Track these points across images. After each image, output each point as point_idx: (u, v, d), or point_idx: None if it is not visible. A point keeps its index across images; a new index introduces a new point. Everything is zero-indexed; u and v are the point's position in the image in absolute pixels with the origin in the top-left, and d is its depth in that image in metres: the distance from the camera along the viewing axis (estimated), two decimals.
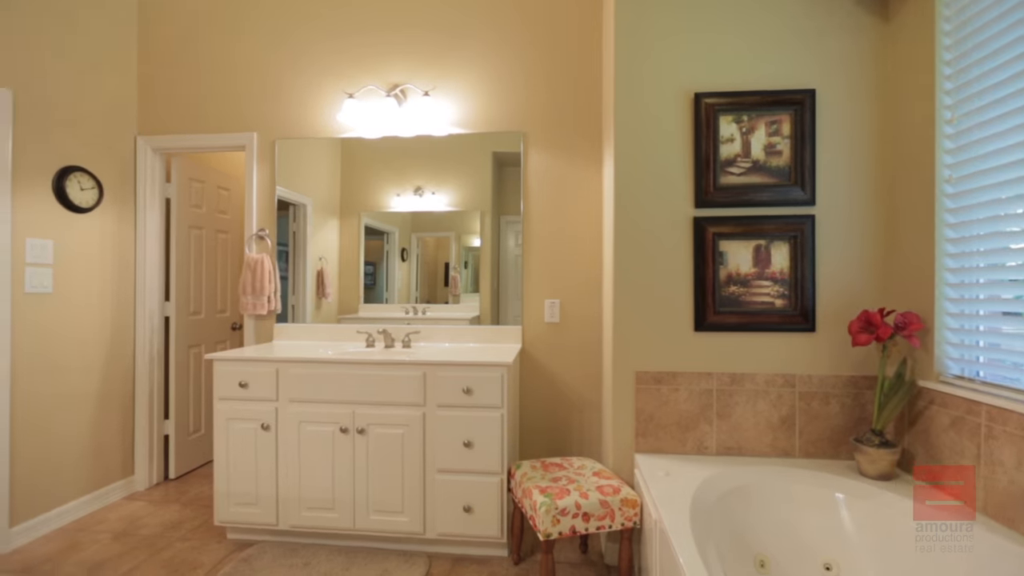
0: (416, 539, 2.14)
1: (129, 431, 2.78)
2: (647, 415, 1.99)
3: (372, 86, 2.64)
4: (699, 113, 1.95)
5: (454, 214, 2.70)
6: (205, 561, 2.10)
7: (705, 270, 1.95)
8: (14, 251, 2.20)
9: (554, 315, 2.57)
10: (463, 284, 2.73)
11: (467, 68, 2.62)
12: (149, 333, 2.82)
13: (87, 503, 2.53)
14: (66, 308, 2.43)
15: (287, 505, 2.15)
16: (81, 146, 2.51)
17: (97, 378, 2.59)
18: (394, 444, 2.09)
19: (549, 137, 2.58)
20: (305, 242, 2.77)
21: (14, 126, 2.20)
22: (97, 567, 2.05)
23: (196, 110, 2.80)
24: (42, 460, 2.32)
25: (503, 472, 2.04)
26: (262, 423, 2.14)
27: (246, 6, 2.77)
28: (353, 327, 2.67)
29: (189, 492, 2.79)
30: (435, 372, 2.07)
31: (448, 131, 2.63)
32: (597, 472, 1.97)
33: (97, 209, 2.57)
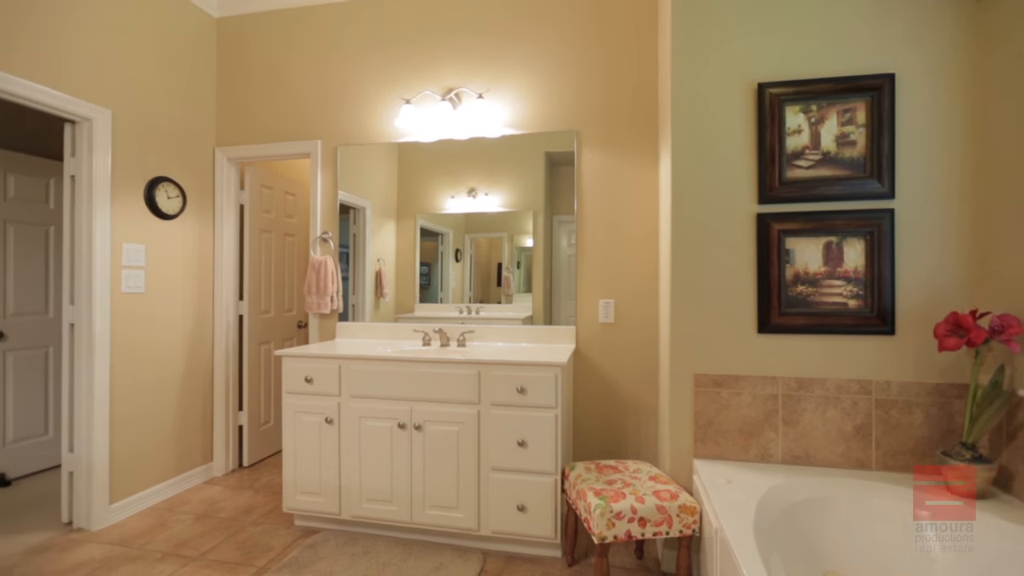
0: (470, 535, 2.17)
1: (208, 421, 3.01)
2: (706, 419, 1.92)
3: (428, 91, 2.71)
4: (763, 104, 1.86)
5: (507, 215, 2.72)
6: (275, 545, 2.23)
7: (770, 269, 1.86)
8: (113, 255, 2.43)
9: (608, 315, 2.53)
10: (515, 284, 2.74)
11: (520, 69, 2.64)
12: (225, 330, 3.04)
13: (173, 485, 2.75)
14: (155, 307, 2.66)
15: (349, 496, 2.24)
16: (168, 158, 2.74)
17: (181, 373, 2.82)
18: (450, 441, 2.13)
19: (603, 135, 2.54)
20: (364, 244, 2.88)
21: (113, 142, 2.44)
22: (182, 544, 2.23)
23: (266, 121, 2.99)
24: (135, 446, 2.55)
25: (557, 473, 2.03)
26: (326, 417, 2.25)
27: (309, 23, 2.92)
28: (410, 326, 2.75)
29: (261, 480, 2.97)
30: (489, 371, 2.10)
31: (501, 132, 2.65)
32: (653, 476, 1.92)
33: (181, 216, 2.80)
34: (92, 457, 2.35)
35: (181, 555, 2.14)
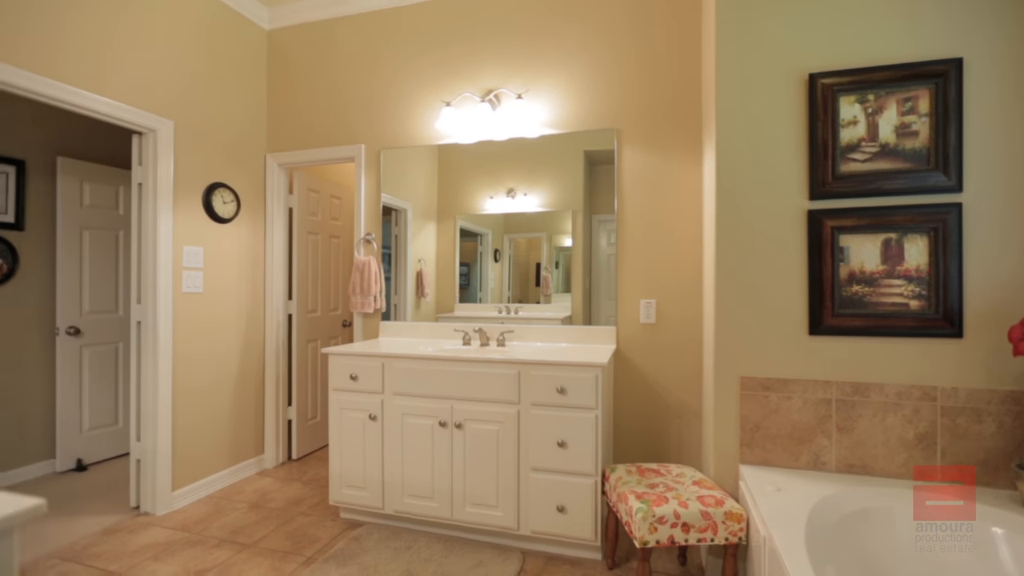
0: (510, 534, 2.18)
1: (260, 415, 3.15)
2: (753, 424, 1.86)
3: (468, 93, 2.74)
4: (815, 95, 1.78)
5: (546, 215, 2.71)
6: (322, 536, 2.31)
7: (822, 268, 1.77)
8: (174, 257, 2.58)
9: (650, 316, 2.48)
10: (554, 284, 2.74)
11: (559, 68, 2.63)
12: (275, 328, 3.17)
13: (228, 475, 2.90)
14: (212, 306, 2.81)
15: (391, 491, 2.30)
16: (223, 165, 2.89)
17: (235, 367, 2.97)
18: (489, 440, 2.15)
19: (644, 132, 2.50)
20: (406, 245, 2.94)
21: (175, 151, 2.59)
22: (237, 532, 2.35)
23: (313, 127, 3.10)
24: (195, 437, 2.71)
25: (597, 474, 2.01)
26: (370, 413, 2.32)
27: (352, 33, 3.01)
28: (450, 325, 2.79)
29: (308, 473, 3.09)
30: (529, 371, 2.10)
31: (540, 132, 2.65)
32: (697, 481, 1.87)
33: (236, 219, 2.94)
34: (157, 446, 2.51)
35: (236, 542, 2.26)
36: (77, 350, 3.12)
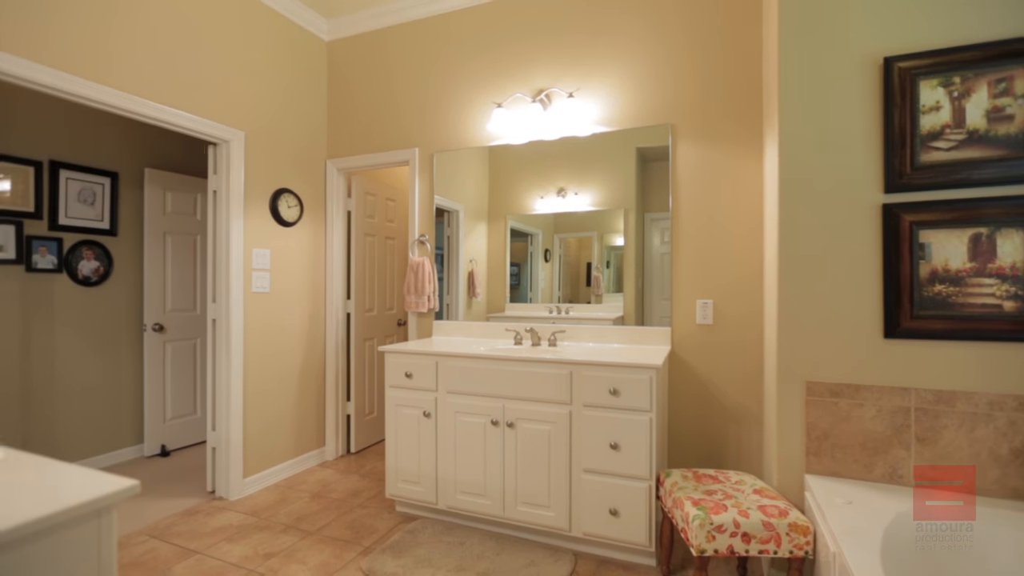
0: (561, 535, 2.17)
1: (321, 409, 3.30)
2: (821, 432, 1.75)
3: (519, 94, 2.75)
4: (890, 81, 1.66)
5: (596, 213, 2.68)
6: (379, 527, 2.40)
7: (899, 266, 1.65)
8: (245, 259, 2.76)
9: (706, 316, 2.40)
10: (605, 284, 2.70)
11: (611, 65, 2.59)
12: (335, 326, 3.32)
13: (292, 466, 3.06)
14: (277, 305, 2.98)
15: (445, 487, 2.35)
16: (288, 171, 3.05)
17: (298, 363, 3.13)
18: (541, 439, 2.15)
19: (700, 127, 2.42)
20: (458, 245, 2.99)
21: (245, 160, 2.77)
22: (301, 519, 2.48)
23: (369, 133, 3.21)
24: (263, 428, 2.88)
25: (651, 478, 1.97)
26: (424, 410, 2.38)
27: (406, 40, 3.10)
28: (501, 325, 2.81)
29: (366, 466, 3.21)
30: (581, 371, 2.08)
31: (592, 130, 2.62)
32: (758, 490, 1.79)
33: (299, 223, 3.11)
34: (230, 436, 2.69)
35: (300, 529, 2.38)
36: (161, 345, 3.40)
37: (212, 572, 2.02)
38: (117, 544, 0.81)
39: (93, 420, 3.12)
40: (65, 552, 0.74)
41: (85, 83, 2.08)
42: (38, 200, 2.86)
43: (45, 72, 1.96)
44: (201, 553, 2.16)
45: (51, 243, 2.92)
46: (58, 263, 2.95)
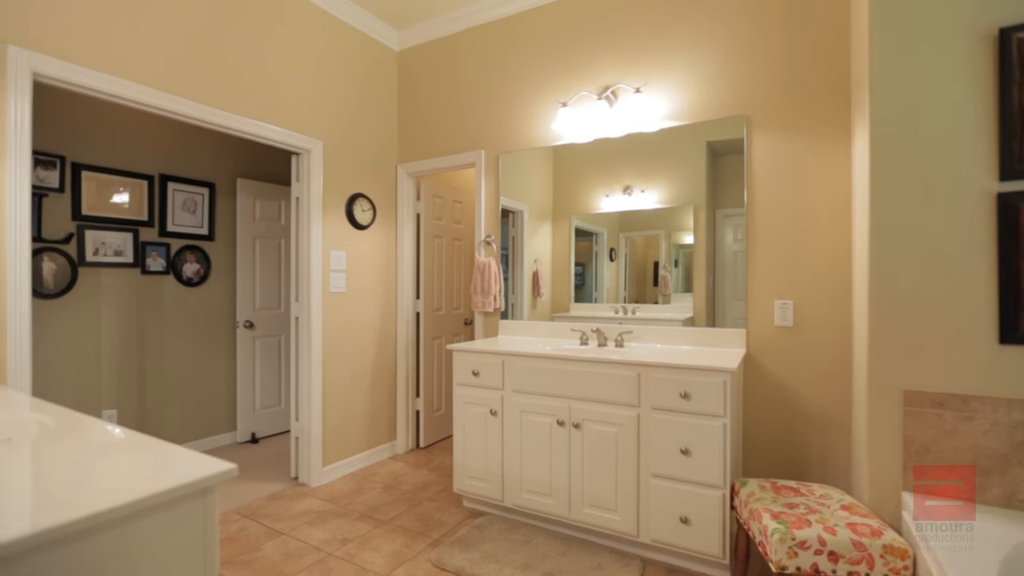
0: (629, 540, 2.13)
1: (392, 405, 3.45)
2: (921, 446, 1.59)
3: (584, 92, 2.73)
4: (1007, 54, 1.47)
5: (664, 211, 2.60)
6: (447, 521, 2.47)
7: (1019, 263, 1.47)
8: (324, 261, 2.94)
9: (786, 318, 2.25)
10: (674, 284, 2.61)
11: (680, 57, 2.50)
12: (406, 325, 3.45)
13: (365, 458, 3.22)
14: (352, 304, 3.14)
15: (511, 485, 2.37)
16: (362, 176, 3.22)
17: (371, 360, 3.29)
18: (608, 442, 2.12)
19: (778, 116, 2.28)
20: (522, 246, 3.01)
21: (324, 167, 2.95)
22: (374, 509, 2.60)
23: (437, 137, 3.31)
24: (340, 420, 3.05)
25: (725, 487, 1.88)
26: (490, 408, 2.41)
27: (472, 45, 3.16)
28: (566, 325, 2.80)
29: (434, 461, 3.31)
30: (650, 373, 2.03)
31: (660, 125, 2.55)
32: (847, 506, 1.66)
33: (372, 226, 3.26)
34: (311, 426, 2.87)
35: (374, 518, 2.50)
36: (251, 341, 3.70)
37: (296, 552, 2.17)
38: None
39: (194, 407, 3.45)
40: (176, 525, 0.82)
41: (194, 104, 2.31)
42: (150, 210, 3.21)
43: (167, 99, 2.19)
44: (286, 534, 2.33)
45: (161, 248, 3.26)
46: (166, 266, 3.29)
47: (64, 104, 2.80)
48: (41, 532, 0.65)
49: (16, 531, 0.64)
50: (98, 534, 0.72)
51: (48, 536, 0.66)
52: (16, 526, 0.66)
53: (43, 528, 0.66)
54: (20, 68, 1.78)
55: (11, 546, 0.63)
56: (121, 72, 2.08)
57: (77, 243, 2.89)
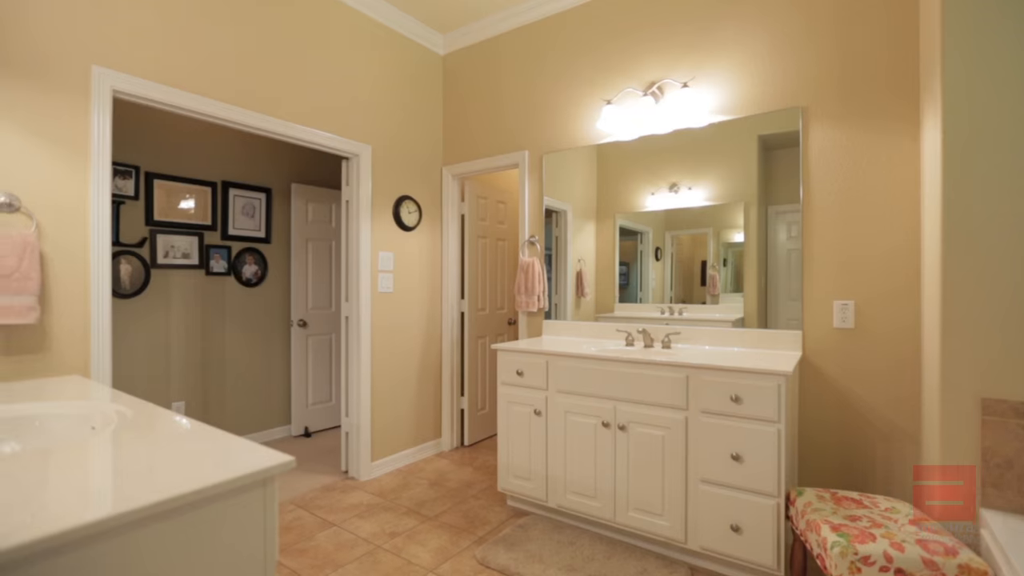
0: (676, 547, 2.08)
1: (437, 403, 3.51)
2: (1003, 459, 1.47)
3: (629, 88, 2.68)
4: None
5: (712, 208, 2.52)
6: (491, 519, 2.49)
7: None
8: (372, 262, 3.03)
9: (846, 319, 2.13)
10: (722, 283, 2.53)
11: (730, 48, 2.41)
12: (450, 325, 3.50)
13: (411, 454, 3.30)
14: (399, 304, 3.22)
15: (555, 486, 2.36)
16: (408, 179, 3.29)
17: (417, 358, 3.36)
18: (654, 445, 2.07)
19: (837, 106, 2.16)
20: (565, 245, 3.00)
21: (372, 171, 3.04)
22: (420, 504, 2.66)
23: (480, 139, 3.35)
24: (388, 417, 3.14)
25: (780, 496, 1.80)
26: (535, 408, 2.42)
27: (514, 47, 3.17)
28: (611, 325, 2.76)
29: (478, 459, 3.35)
30: (698, 375, 1.97)
31: (708, 120, 2.47)
32: (916, 520, 1.55)
33: (418, 227, 3.33)
34: (360, 422, 2.97)
35: (420, 513, 2.55)
36: (304, 339, 3.86)
37: (347, 543, 2.25)
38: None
39: (252, 401, 3.64)
40: (239, 513, 0.87)
41: (253, 114, 2.43)
42: (214, 215, 3.41)
43: (229, 109, 2.32)
44: (338, 526, 2.41)
45: (223, 250, 3.45)
46: (227, 267, 3.48)
47: (138, 117, 3.02)
48: (121, 514, 0.71)
49: (99, 512, 0.70)
50: (170, 518, 0.77)
51: (126, 518, 0.71)
52: (99, 508, 0.72)
53: (123, 511, 0.71)
54: (102, 86, 1.94)
55: (94, 526, 0.68)
56: (189, 86, 2.22)
57: (149, 247, 3.11)
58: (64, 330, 1.86)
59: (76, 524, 0.67)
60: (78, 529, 0.66)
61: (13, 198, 1.73)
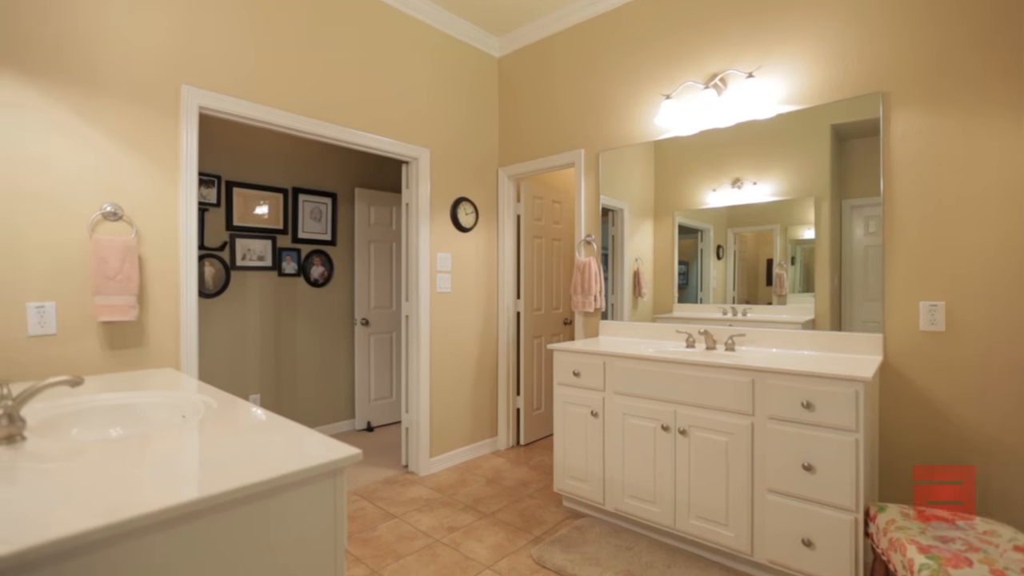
0: (742, 558, 1.99)
1: (494, 401, 3.55)
2: None
3: (690, 82, 2.59)
4: None
5: (779, 204, 2.39)
6: (547, 519, 2.49)
7: None
8: (431, 263, 3.11)
9: (935, 321, 1.96)
10: (790, 283, 2.39)
11: (800, 33, 2.28)
12: (506, 324, 3.54)
13: (468, 452, 3.35)
14: (457, 304, 3.29)
15: (612, 489, 2.33)
16: (465, 181, 3.35)
17: (474, 357, 3.41)
18: (717, 451, 1.99)
19: (925, 90, 1.98)
20: (622, 244, 2.94)
21: (431, 174, 3.12)
22: (477, 501, 2.70)
23: (536, 138, 3.35)
24: (445, 414, 3.21)
25: (858, 511, 1.68)
26: (591, 410, 2.39)
27: (568, 44, 3.15)
28: (670, 326, 2.68)
29: (534, 459, 3.35)
30: (765, 380, 1.88)
31: (776, 111, 2.34)
32: (1021, 547, 1.40)
33: (474, 228, 3.39)
34: (419, 419, 3.06)
35: (477, 510, 2.59)
36: (367, 337, 4.02)
37: (407, 535, 2.33)
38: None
39: (320, 395, 3.84)
40: (312, 501, 0.92)
41: (322, 123, 2.57)
42: (285, 219, 3.63)
43: (301, 120, 2.47)
44: (398, 518, 2.50)
45: (293, 253, 3.67)
46: (297, 269, 3.69)
47: (219, 130, 3.27)
48: (206, 498, 0.77)
49: (186, 495, 0.76)
50: (250, 503, 0.83)
51: (211, 501, 0.77)
52: (186, 491, 0.78)
53: (208, 494, 0.77)
54: (190, 103, 2.11)
55: (183, 508, 0.74)
56: (265, 100, 2.37)
57: (229, 250, 3.35)
58: (158, 326, 2.05)
59: (168, 505, 0.73)
60: (170, 509, 0.73)
61: (117, 207, 1.92)
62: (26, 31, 1.75)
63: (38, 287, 1.77)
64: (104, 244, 1.85)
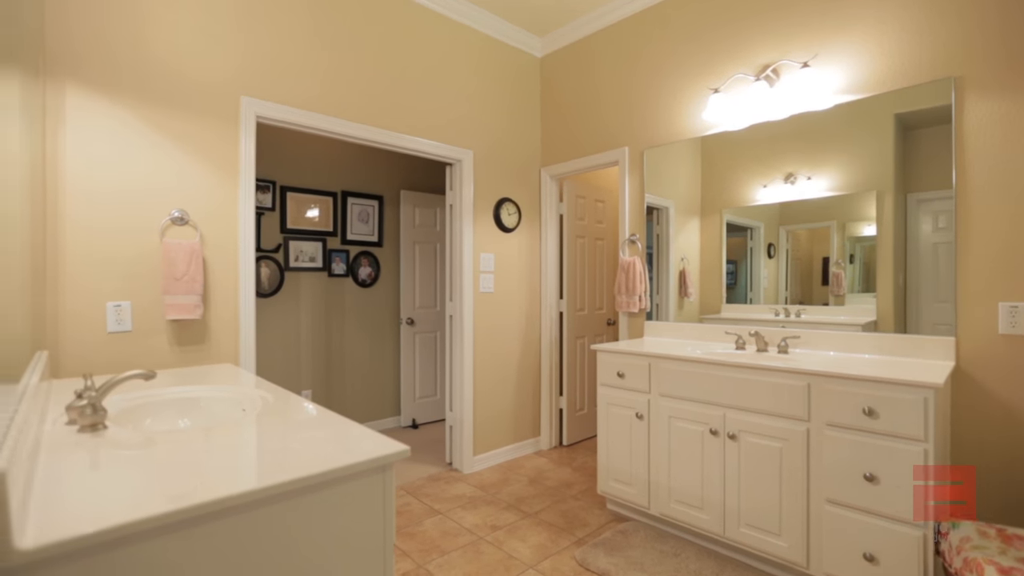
0: (796, 570, 1.90)
1: (536, 402, 3.55)
2: None
3: (739, 74, 2.50)
4: None
5: (836, 199, 2.27)
6: (591, 521, 2.46)
7: None
8: (474, 263, 3.15)
9: (1016, 324, 1.80)
10: (849, 282, 2.26)
11: (859, 18, 2.15)
12: (549, 324, 3.53)
13: (510, 451, 3.37)
14: (499, 304, 3.31)
15: (657, 493, 2.28)
16: (508, 181, 3.37)
17: (517, 357, 3.42)
18: (770, 457, 1.92)
19: (1004, 73, 1.83)
20: (667, 243, 2.88)
21: (474, 175, 3.16)
22: (520, 500, 2.71)
23: (578, 138, 3.33)
24: (488, 413, 3.24)
25: (927, 527, 1.57)
26: (636, 412, 2.35)
27: (610, 42, 3.10)
28: (719, 327, 2.60)
29: (577, 460, 3.33)
30: (822, 384, 1.79)
31: (833, 101, 2.23)
32: None
33: (517, 228, 3.40)
34: (463, 417, 3.10)
35: (520, 509, 2.60)
36: (412, 336, 4.11)
37: (451, 531, 2.36)
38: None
39: (367, 392, 3.95)
40: (363, 494, 0.95)
41: (369, 128, 2.65)
42: (335, 222, 3.76)
43: (351, 126, 2.56)
44: (443, 514, 2.54)
45: (342, 254, 3.80)
46: (346, 269, 3.82)
47: (274, 138, 3.43)
48: (265, 488, 0.81)
49: (246, 485, 0.80)
50: (304, 495, 0.87)
51: (269, 492, 0.81)
52: (246, 481, 0.82)
53: (266, 485, 0.81)
54: (248, 113, 2.23)
55: (242, 497, 0.78)
56: (317, 108, 2.47)
57: (283, 252, 3.51)
58: (220, 325, 2.17)
59: (230, 493, 0.77)
60: (232, 498, 0.77)
61: (184, 212, 2.05)
62: (116, 57, 1.91)
63: (116, 288, 1.92)
64: (172, 247, 1.98)
